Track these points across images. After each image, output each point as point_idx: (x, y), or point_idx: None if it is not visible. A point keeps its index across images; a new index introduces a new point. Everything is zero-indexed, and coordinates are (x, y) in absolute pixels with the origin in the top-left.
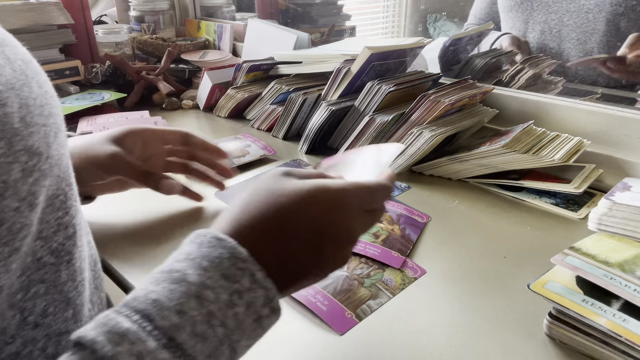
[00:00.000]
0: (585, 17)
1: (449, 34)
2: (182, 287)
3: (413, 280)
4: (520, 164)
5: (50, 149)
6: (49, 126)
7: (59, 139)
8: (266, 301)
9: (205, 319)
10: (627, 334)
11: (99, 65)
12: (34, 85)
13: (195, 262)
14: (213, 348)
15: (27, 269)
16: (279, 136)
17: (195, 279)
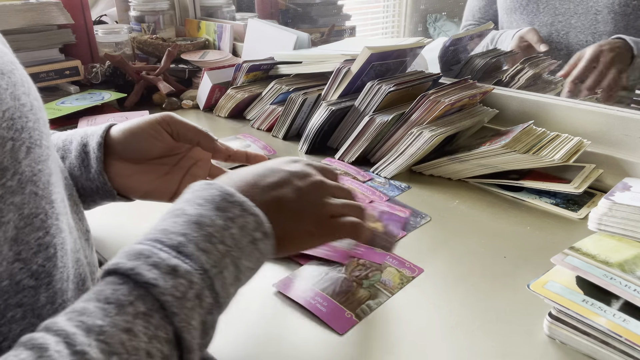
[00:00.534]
0: (594, 18)
1: (449, 34)
2: (182, 218)
3: (411, 279)
4: (520, 164)
5: (20, 165)
6: (19, 140)
7: (33, 154)
8: (257, 225)
9: (206, 239)
10: (627, 334)
11: (99, 65)
12: (6, 97)
13: (190, 201)
14: (216, 260)
15: (3, 293)
16: (279, 136)
17: (192, 211)
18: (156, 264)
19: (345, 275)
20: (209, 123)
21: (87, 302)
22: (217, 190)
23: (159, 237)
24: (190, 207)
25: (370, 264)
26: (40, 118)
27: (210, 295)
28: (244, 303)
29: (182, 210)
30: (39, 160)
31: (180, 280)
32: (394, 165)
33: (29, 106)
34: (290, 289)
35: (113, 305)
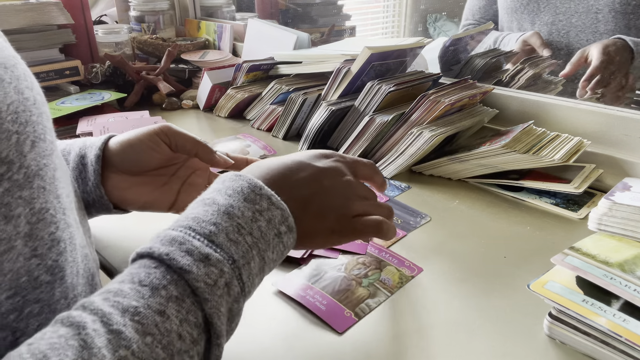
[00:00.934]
0: (594, 17)
1: (449, 34)
2: (213, 208)
3: (410, 278)
4: (520, 164)
5: (25, 159)
6: (24, 134)
7: (38, 148)
8: (282, 219)
9: (235, 229)
10: (627, 334)
11: (99, 65)
12: (10, 91)
13: (221, 191)
14: (245, 251)
15: (22, 290)
16: (279, 136)
17: (223, 201)
18: (189, 251)
19: (344, 274)
20: (209, 123)
21: (121, 283)
22: (247, 182)
23: (192, 225)
24: (221, 197)
25: (369, 262)
26: (44, 112)
27: (238, 284)
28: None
29: (212, 199)
30: (43, 155)
31: (212, 268)
32: (394, 165)
33: (32, 100)
34: (290, 287)
35: (147, 288)
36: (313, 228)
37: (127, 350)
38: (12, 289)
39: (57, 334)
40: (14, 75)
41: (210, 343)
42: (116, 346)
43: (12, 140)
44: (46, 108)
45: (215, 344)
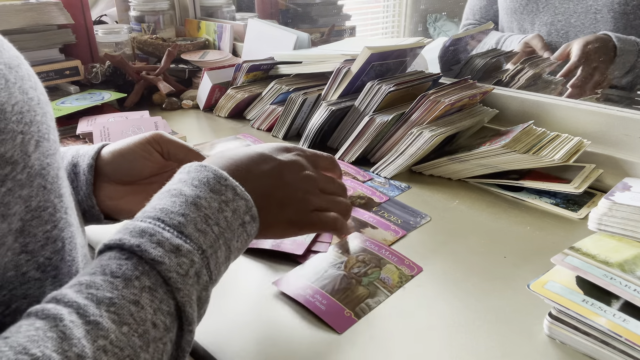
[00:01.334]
0: (593, 17)
1: (449, 34)
2: (181, 199)
3: (410, 278)
4: (520, 164)
5: (30, 159)
6: (28, 134)
7: (42, 147)
8: (247, 209)
9: (203, 220)
10: (627, 334)
11: (99, 65)
12: (14, 91)
13: (187, 182)
14: (212, 241)
15: (8, 284)
16: (279, 136)
17: (190, 192)
18: (160, 243)
19: (344, 273)
20: (209, 123)
21: (93, 275)
22: (212, 173)
23: (160, 216)
24: (187, 188)
25: (369, 260)
26: (47, 112)
27: (207, 273)
28: (243, 301)
29: (179, 190)
30: (47, 154)
31: (183, 259)
32: (394, 165)
33: (36, 100)
34: (290, 286)
35: (120, 279)
36: (273, 219)
37: (106, 340)
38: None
39: (33, 326)
40: (19, 75)
41: (182, 330)
42: (95, 336)
43: (17, 140)
44: (49, 108)
45: (188, 330)
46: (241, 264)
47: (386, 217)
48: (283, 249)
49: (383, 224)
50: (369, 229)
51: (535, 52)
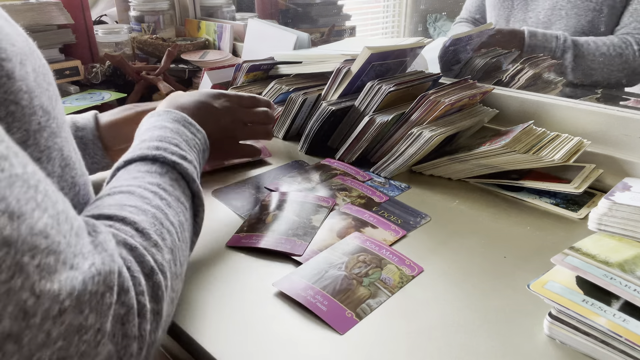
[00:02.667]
0: (558, 13)
1: (449, 34)
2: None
3: (411, 278)
4: (520, 164)
5: (55, 112)
6: (51, 91)
7: (59, 105)
8: (204, 139)
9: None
10: (627, 334)
11: (99, 65)
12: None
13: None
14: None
15: None
16: (278, 136)
17: (171, 126)
18: (173, 153)
19: (345, 273)
20: None
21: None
22: (177, 114)
23: (161, 139)
24: (167, 123)
25: (370, 260)
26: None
27: (197, 178)
28: (243, 301)
29: (162, 125)
30: (61, 112)
31: (188, 163)
32: (394, 165)
33: (47, 66)
34: (291, 287)
35: (155, 173)
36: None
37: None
38: None
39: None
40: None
41: (198, 210)
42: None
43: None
44: None
45: (201, 209)
46: (241, 265)
47: (386, 216)
48: (283, 249)
49: (383, 224)
50: (369, 228)
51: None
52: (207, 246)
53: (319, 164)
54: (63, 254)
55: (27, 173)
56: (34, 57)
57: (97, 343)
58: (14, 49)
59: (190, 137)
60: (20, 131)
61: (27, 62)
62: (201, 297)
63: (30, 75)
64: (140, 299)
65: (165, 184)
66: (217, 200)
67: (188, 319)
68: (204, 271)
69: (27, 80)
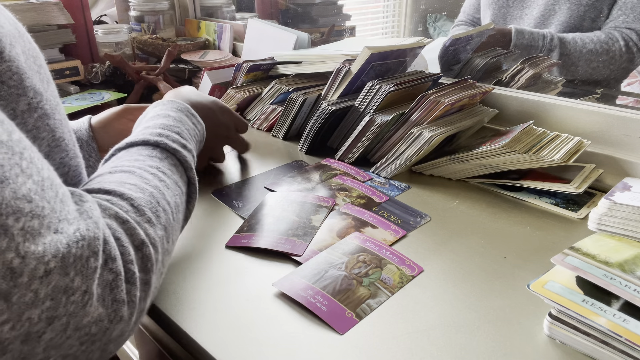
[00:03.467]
0: (551, 9)
1: (449, 34)
2: (169, 119)
3: (411, 278)
4: (520, 164)
5: (47, 94)
6: (42, 74)
7: (51, 87)
8: (203, 131)
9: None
10: (627, 334)
11: (99, 65)
12: (25, 40)
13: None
14: (195, 145)
15: None
16: (279, 136)
17: (174, 114)
18: (174, 140)
19: (345, 273)
20: None
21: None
22: (181, 104)
23: (164, 127)
24: (171, 112)
25: (370, 260)
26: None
27: (193, 165)
28: (243, 301)
29: (165, 113)
30: (55, 95)
31: (187, 152)
32: (394, 165)
33: (38, 50)
34: (291, 287)
35: (156, 158)
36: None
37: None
38: None
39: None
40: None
41: (191, 196)
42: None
43: (37, 77)
44: None
45: (195, 196)
46: (241, 265)
47: (386, 217)
48: (283, 249)
49: (383, 224)
50: (369, 228)
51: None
52: (207, 246)
53: (319, 164)
54: (47, 218)
55: (12, 140)
56: (24, 39)
57: (85, 304)
58: (2, 30)
59: (191, 127)
60: (7, 110)
61: (16, 44)
62: (201, 297)
63: (21, 57)
64: (130, 267)
65: (165, 167)
66: (217, 200)
67: (188, 319)
68: (204, 271)
69: (17, 61)
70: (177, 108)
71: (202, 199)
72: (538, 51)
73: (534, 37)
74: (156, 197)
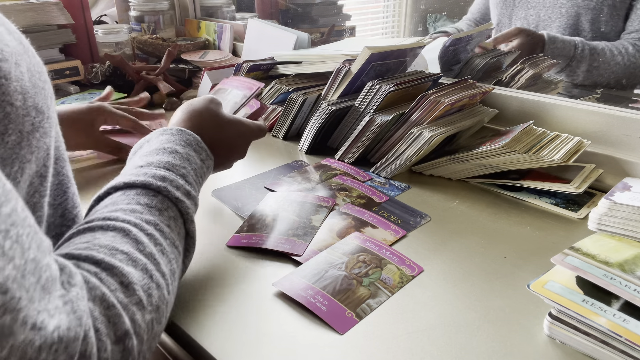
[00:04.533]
0: (558, 12)
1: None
2: (177, 155)
3: (411, 278)
4: (520, 164)
5: (49, 111)
6: (46, 90)
7: (53, 104)
8: (211, 166)
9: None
10: (627, 334)
11: (99, 65)
12: (31, 55)
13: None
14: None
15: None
16: (279, 136)
17: (182, 150)
18: (178, 187)
19: (345, 273)
20: None
21: (130, 205)
22: (191, 136)
23: (169, 168)
24: (178, 147)
25: (370, 260)
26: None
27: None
28: (243, 302)
29: (173, 148)
30: (55, 110)
31: (191, 201)
32: (394, 165)
33: (42, 64)
34: (290, 287)
35: (155, 209)
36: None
37: (161, 247)
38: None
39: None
40: (27, 42)
41: (189, 250)
42: (154, 244)
43: (41, 94)
44: None
45: (193, 250)
46: (241, 264)
47: (386, 216)
48: (283, 249)
49: (383, 224)
50: (369, 228)
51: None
52: (207, 246)
53: (319, 164)
54: (23, 311)
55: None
56: (29, 55)
57: None
58: (8, 49)
59: (199, 165)
60: (15, 133)
61: (21, 62)
62: (201, 297)
63: (25, 76)
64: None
65: (163, 223)
66: (217, 200)
67: (188, 319)
68: (204, 271)
69: (22, 80)
70: (186, 142)
71: (202, 199)
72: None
73: (566, 45)
74: (150, 270)
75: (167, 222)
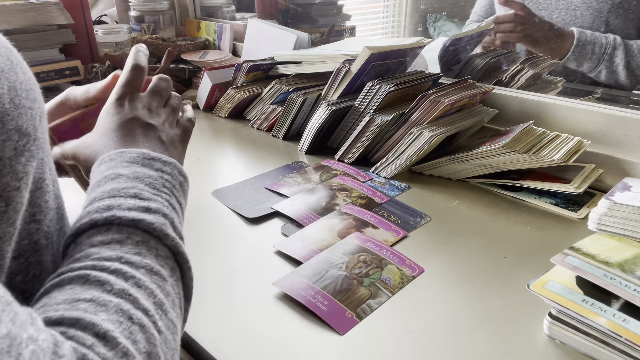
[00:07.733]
0: (573, 14)
1: (449, 34)
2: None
3: (411, 278)
4: (520, 164)
5: (37, 132)
6: (34, 110)
7: (43, 123)
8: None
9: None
10: (627, 334)
11: (99, 65)
12: (18, 71)
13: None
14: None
15: (24, 252)
16: (279, 136)
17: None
18: (130, 208)
19: (345, 273)
20: (209, 123)
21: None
22: (134, 153)
23: (115, 194)
24: (121, 169)
25: (370, 261)
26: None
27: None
28: (243, 301)
29: (115, 173)
30: (44, 130)
31: (155, 214)
32: (394, 165)
33: (33, 80)
34: (291, 287)
35: (114, 242)
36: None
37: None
38: (17, 251)
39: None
40: (16, 57)
41: (182, 269)
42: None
43: (28, 115)
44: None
45: (187, 268)
46: (241, 264)
47: (386, 217)
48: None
49: (384, 224)
50: (370, 228)
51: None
52: (207, 246)
53: (319, 164)
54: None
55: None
56: (16, 72)
57: None
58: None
59: (155, 176)
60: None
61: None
62: (201, 297)
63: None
64: None
65: (129, 254)
66: (217, 200)
67: (188, 319)
68: (204, 271)
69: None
70: (129, 160)
71: (202, 198)
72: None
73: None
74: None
75: (134, 250)
